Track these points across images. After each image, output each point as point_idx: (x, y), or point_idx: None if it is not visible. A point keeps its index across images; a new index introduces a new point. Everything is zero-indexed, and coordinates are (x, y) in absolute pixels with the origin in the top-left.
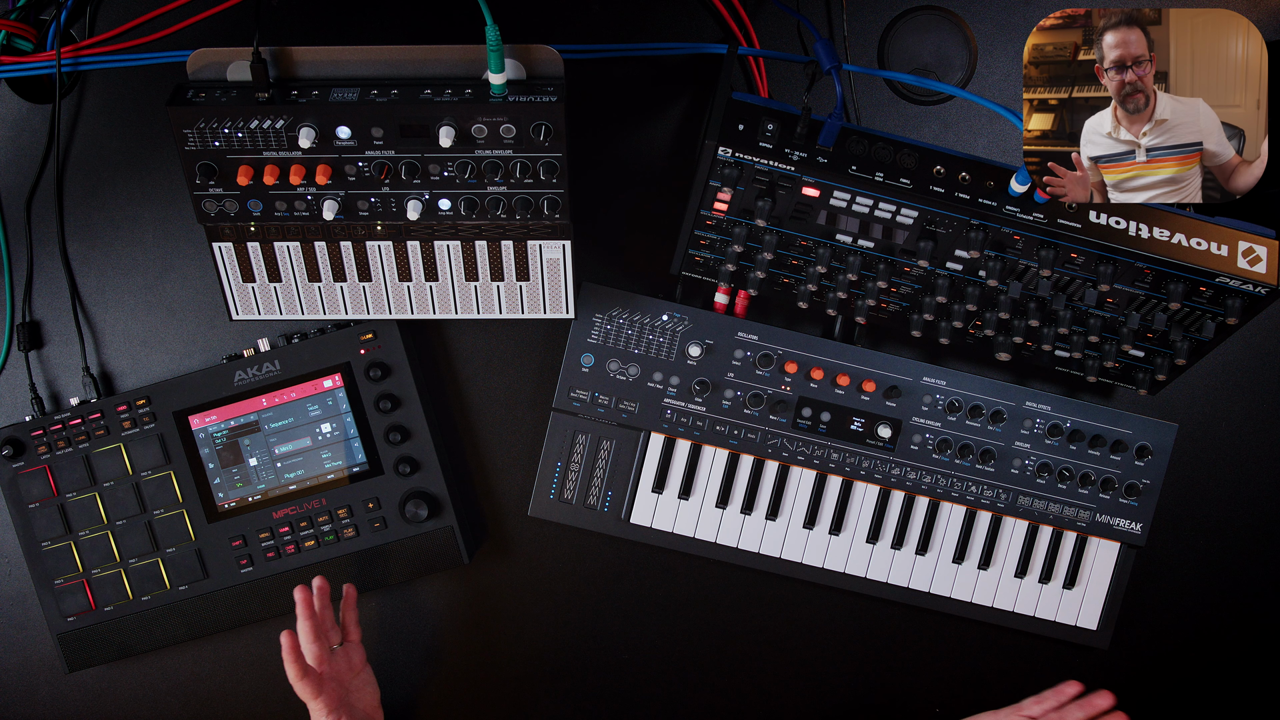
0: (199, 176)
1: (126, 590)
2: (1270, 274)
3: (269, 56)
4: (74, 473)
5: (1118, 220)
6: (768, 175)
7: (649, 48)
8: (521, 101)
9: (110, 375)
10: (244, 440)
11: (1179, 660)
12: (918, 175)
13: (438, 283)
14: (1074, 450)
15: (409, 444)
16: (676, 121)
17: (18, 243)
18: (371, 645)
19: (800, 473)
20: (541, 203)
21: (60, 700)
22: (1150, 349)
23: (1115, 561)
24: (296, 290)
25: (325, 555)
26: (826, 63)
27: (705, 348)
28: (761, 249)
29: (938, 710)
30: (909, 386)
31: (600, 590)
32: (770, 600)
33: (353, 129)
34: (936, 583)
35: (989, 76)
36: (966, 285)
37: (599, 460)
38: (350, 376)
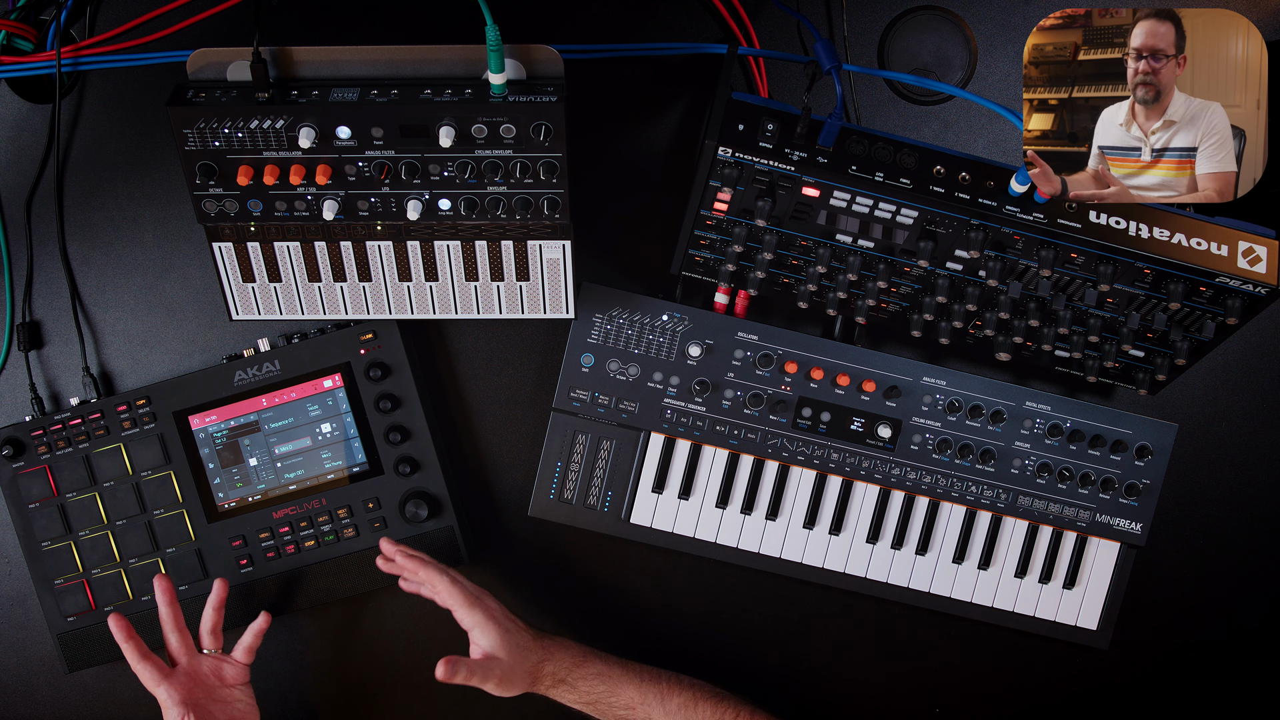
0: (199, 176)
1: (126, 590)
2: (1270, 274)
3: (269, 56)
4: (74, 473)
5: (1118, 220)
6: (768, 175)
7: (649, 48)
8: (521, 101)
9: (110, 375)
10: (244, 440)
11: (1179, 660)
12: (918, 175)
13: (438, 283)
14: (1074, 450)
15: (409, 444)
16: (676, 121)
17: (18, 243)
18: (372, 645)
19: (800, 473)
20: (541, 203)
21: (60, 700)
22: (1150, 349)
23: (1115, 561)
24: (296, 290)
25: (325, 555)
26: (826, 63)
27: (705, 348)
28: (761, 249)
29: (937, 710)
30: (909, 386)
31: (600, 590)
32: (770, 600)
33: (353, 129)
34: (936, 583)
35: (989, 76)
36: (966, 285)
37: (599, 460)
38: (350, 376)
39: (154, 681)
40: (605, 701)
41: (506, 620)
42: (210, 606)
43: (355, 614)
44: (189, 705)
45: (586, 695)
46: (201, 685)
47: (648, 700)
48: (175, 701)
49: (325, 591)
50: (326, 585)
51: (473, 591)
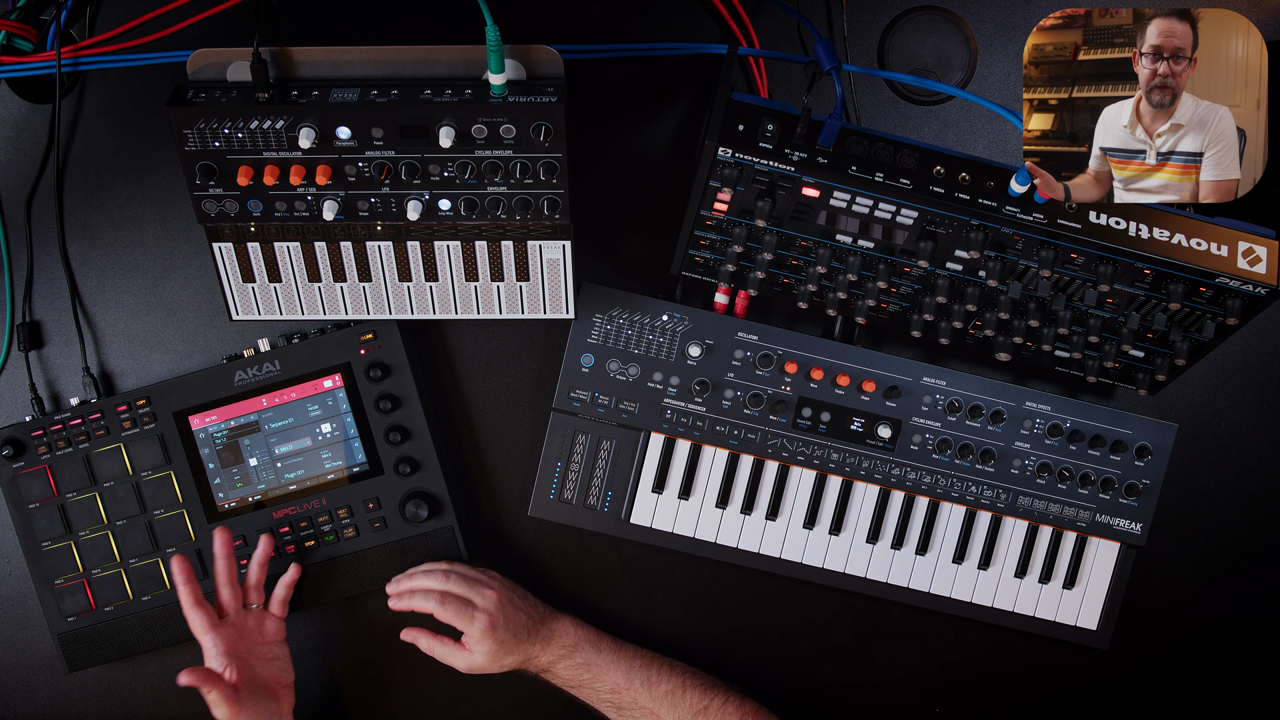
0: (199, 177)
1: (126, 590)
2: (1270, 274)
3: (269, 57)
4: (74, 473)
5: (1118, 220)
6: (768, 175)
7: (649, 48)
8: (521, 102)
9: (110, 375)
10: (244, 440)
11: (1179, 660)
12: (918, 175)
13: (438, 283)
14: (1074, 450)
15: (409, 444)
16: (676, 121)
17: (18, 243)
18: (372, 645)
19: (800, 473)
20: (541, 203)
21: (60, 700)
22: (1150, 349)
23: (1115, 561)
24: (296, 290)
25: (325, 555)
26: (826, 63)
27: (705, 348)
28: (761, 249)
29: (937, 710)
30: (909, 386)
31: (600, 590)
32: (770, 600)
33: (353, 129)
34: (936, 583)
35: (989, 76)
36: (966, 285)
37: (599, 460)
38: (350, 376)
39: (203, 629)
40: (590, 686)
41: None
42: (255, 562)
43: (355, 614)
44: (231, 656)
45: (569, 682)
46: (245, 639)
47: (633, 685)
48: (220, 652)
49: (325, 591)
50: (326, 585)
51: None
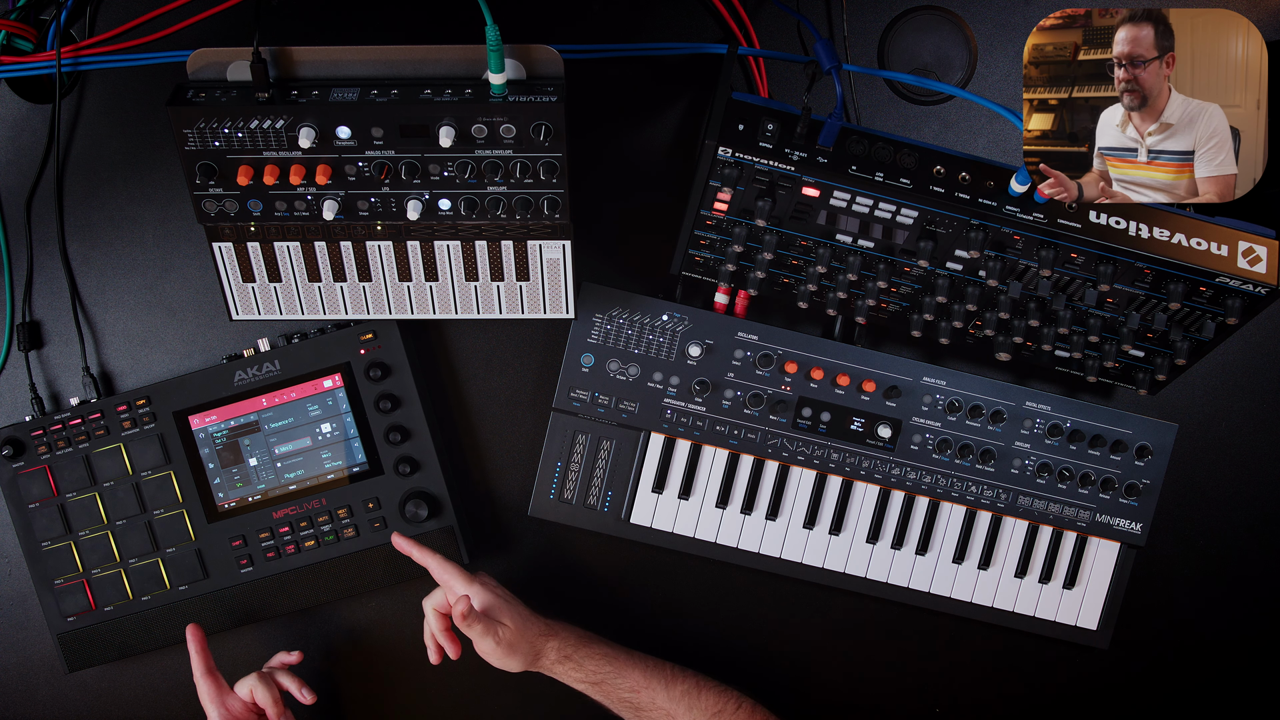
0: (199, 176)
1: (126, 590)
2: (1270, 274)
3: (269, 56)
4: (74, 473)
5: (1118, 220)
6: (768, 175)
7: (649, 48)
8: (521, 101)
9: (110, 375)
10: (244, 440)
11: (1179, 660)
12: (918, 175)
13: (438, 283)
14: (1074, 450)
15: (409, 444)
16: (676, 121)
17: (18, 243)
18: (372, 645)
19: (800, 473)
20: (541, 203)
21: (60, 700)
22: (1150, 349)
23: (1115, 561)
24: (296, 290)
25: (325, 555)
26: (826, 63)
27: (705, 348)
28: (761, 249)
29: (937, 710)
30: (909, 386)
31: (600, 590)
32: (770, 600)
33: (353, 129)
34: (936, 583)
35: (989, 76)
36: (966, 285)
37: (599, 460)
38: (350, 376)
39: (210, 698)
40: (611, 682)
41: (508, 594)
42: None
43: (355, 614)
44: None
45: (593, 674)
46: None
47: (652, 684)
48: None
49: (325, 591)
50: (326, 585)
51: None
